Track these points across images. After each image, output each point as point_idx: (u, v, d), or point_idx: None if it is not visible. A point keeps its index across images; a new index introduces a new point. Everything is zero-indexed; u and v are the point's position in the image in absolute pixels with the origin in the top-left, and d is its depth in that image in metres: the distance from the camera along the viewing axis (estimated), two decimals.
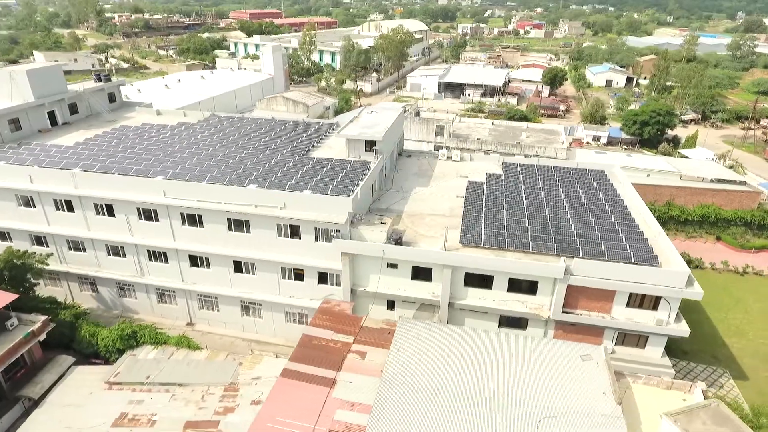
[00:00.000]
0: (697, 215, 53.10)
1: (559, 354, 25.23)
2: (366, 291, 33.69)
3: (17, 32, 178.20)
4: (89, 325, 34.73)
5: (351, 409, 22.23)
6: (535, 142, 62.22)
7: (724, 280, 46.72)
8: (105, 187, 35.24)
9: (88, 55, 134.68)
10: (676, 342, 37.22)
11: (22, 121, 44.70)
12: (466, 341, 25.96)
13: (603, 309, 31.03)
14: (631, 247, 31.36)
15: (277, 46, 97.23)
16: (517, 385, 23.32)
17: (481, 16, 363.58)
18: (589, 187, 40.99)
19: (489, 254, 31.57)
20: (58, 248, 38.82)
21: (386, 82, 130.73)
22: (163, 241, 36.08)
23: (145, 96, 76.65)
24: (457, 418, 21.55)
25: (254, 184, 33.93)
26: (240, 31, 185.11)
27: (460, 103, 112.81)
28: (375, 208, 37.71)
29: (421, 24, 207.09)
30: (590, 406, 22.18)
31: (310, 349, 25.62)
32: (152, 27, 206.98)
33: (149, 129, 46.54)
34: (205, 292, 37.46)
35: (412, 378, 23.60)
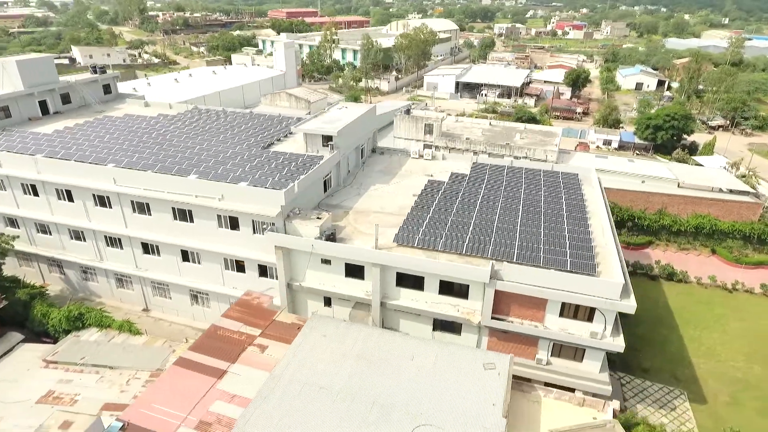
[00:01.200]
0: (691, 226, 49.76)
1: (462, 361, 24.17)
2: (302, 286, 33.42)
3: (66, 28, 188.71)
4: (42, 305, 36.17)
5: (230, 401, 22.07)
6: (528, 143, 60.04)
7: (708, 296, 43.55)
8: (63, 173, 36.59)
9: (120, 51, 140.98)
10: (635, 358, 35.18)
11: (11, 109, 47.07)
12: (369, 342, 25.29)
13: (535, 317, 29.51)
14: (572, 254, 29.68)
15: (289, 43, 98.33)
16: (406, 390, 22.49)
17: (522, 17, 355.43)
18: (554, 190, 39.14)
19: (421, 255, 30.65)
20: (28, 230, 40.68)
21: (405, 81, 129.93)
22: (117, 227, 37.09)
23: (154, 90, 79.42)
24: (332, 419, 21.00)
25: (196, 174, 34.31)
26: (271, 29, 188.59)
27: (476, 103, 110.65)
28: (325, 204, 37.45)
29: (450, 23, 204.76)
30: (474, 417, 21.10)
31: (214, 339, 25.65)
32: (191, 25, 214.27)
33: (128, 120, 48.03)
34: (157, 279, 38.26)
35: (301, 375, 23.19)
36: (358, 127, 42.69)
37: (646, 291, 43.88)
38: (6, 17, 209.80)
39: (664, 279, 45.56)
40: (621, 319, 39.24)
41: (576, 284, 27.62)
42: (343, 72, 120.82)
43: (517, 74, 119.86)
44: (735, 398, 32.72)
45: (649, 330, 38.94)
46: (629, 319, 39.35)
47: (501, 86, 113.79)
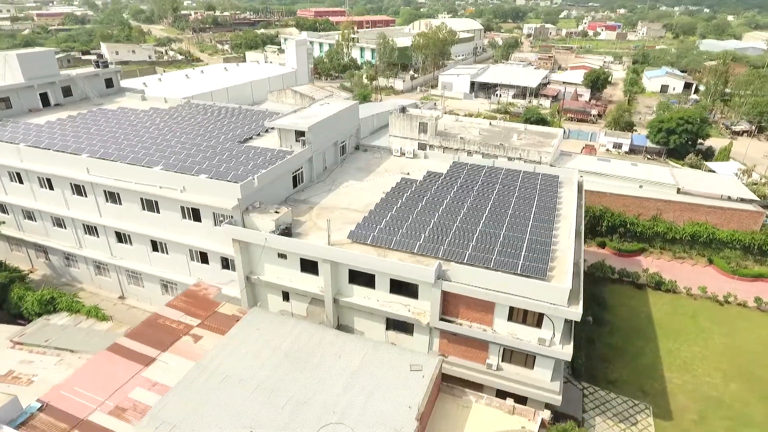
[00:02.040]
0: (687, 234, 47.40)
1: (389, 362, 23.70)
2: (260, 280, 33.55)
3: (101, 26, 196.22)
4: (19, 289, 37.55)
5: (150, 388, 22.31)
6: (525, 144, 58.54)
7: (696, 307, 41.36)
8: (43, 161, 37.93)
9: (147, 48, 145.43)
10: (603, 368, 33.83)
11: (12, 100, 49.15)
12: (301, 338, 25.14)
13: (484, 321, 28.66)
14: (526, 257, 28.70)
15: (300, 41, 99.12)
16: (326, 387, 22.21)
17: (554, 17, 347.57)
18: (528, 191, 37.98)
19: (373, 252, 30.27)
20: (16, 216, 42.39)
21: (422, 80, 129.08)
22: (92, 216, 38.18)
23: (164, 85, 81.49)
24: (244, 411, 20.94)
25: (162, 166, 34.92)
26: (295, 28, 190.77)
27: (489, 103, 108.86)
28: (293, 199, 37.49)
29: (474, 23, 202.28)
30: (387, 418, 20.64)
31: (151, 327, 26.02)
32: (220, 23, 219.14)
33: (120, 113, 49.40)
34: (131, 268, 39.17)
35: (225, 367, 23.24)
36: (335, 124, 42.57)
37: (630, 300, 42.09)
38: (48, 15, 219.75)
39: (652, 288, 43.55)
40: (595, 328, 38.11)
41: (523, 288, 26.67)
42: (357, 71, 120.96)
43: (534, 75, 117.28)
44: (703, 416, 30.93)
45: (623, 340, 37.31)
46: (604, 328, 38.06)
47: (516, 87, 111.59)
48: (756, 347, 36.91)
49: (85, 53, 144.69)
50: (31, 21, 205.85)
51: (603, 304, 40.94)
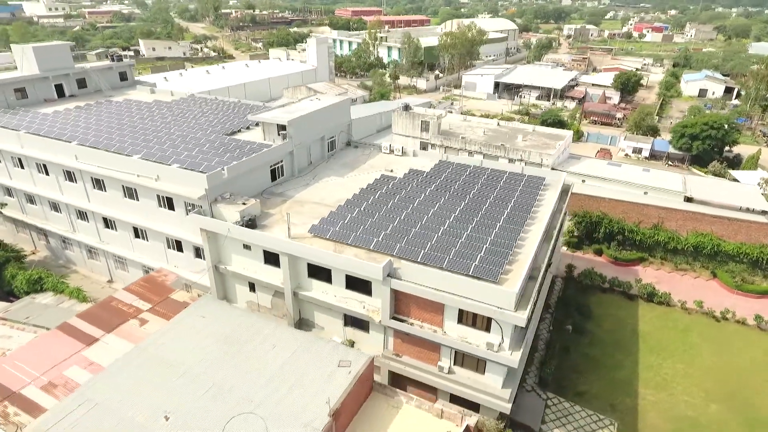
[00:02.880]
0: (690, 244, 44.71)
1: (320, 356, 23.52)
2: (228, 270, 34.05)
3: (145, 24, 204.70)
4: (13, 268, 39.65)
5: (86, 367, 23.04)
6: (528, 146, 56.89)
7: (689, 322, 38.96)
8: (39, 148, 39.87)
9: (183, 45, 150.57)
10: (573, 380, 32.46)
11: (28, 91, 51.95)
12: (242, 327, 25.33)
13: (434, 322, 28.01)
14: (482, 259, 27.82)
15: (321, 39, 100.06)
16: (252, 377, 22.29)
17: (599, 18, 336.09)
18: (508, 192, 36.81)
19: (331, 247, 30.13)
20: (20, 200, 44.78)
21: (446, 79, 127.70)
22: (82, 201, 39.84)
23: (186, 80, 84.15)
24: (169, 395, 21.30)
25: (140, 155, 35.99)
26: (329, 27, 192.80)
27: (513, 104, 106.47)
28: (270, 191, 37.82)
29: (508, 23, 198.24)
30: (301, 411, 20.49)
31: (103, 309, 26.86)
32: (258, 22, 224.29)
33: (125, 104, 51.31)
34: (116, 253, 40.62)
35: (161, 350, 23.70)
36: (321, 119, 42.63)
37: (618, 310, 40.13)
38: (98, 13, 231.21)
39: (644, 299, 41.34)
40: (574, 337, 36.48)
41: (472, 290, 25.88)
42: (380, 69, 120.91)
43: (561, 76, 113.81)
44: None
45: (602, 352, 35.61)
46: (584, 338, 36.51)
47: (541, 88, 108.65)
48: (747, 368, 34.40)
49: (125, 49, 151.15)
50: (82, 19, 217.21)
51: (587, 313, 39.21)
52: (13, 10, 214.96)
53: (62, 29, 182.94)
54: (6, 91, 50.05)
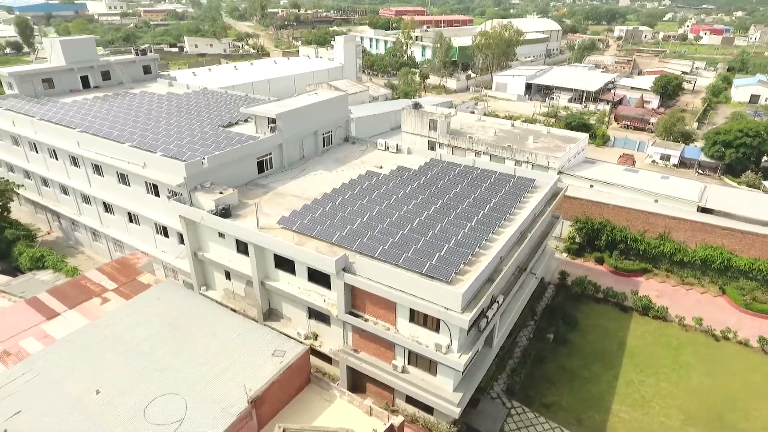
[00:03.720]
0: (698, 257, 41.85)
1: (258, 344, 23.76)
2: (205, 257, 34.97)
3: (195, 21, 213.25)
4: (22, 246, 42.31)
5: (41, 339, 24.29)
6: (537, 148, 54.99)
7: (684, 340, 36.48)
8: (49, 134, 42.36)
9: (224, 42, 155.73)
10: (543, 390, 31.22)
11: (55, 81, 55.27)
12: (191, 312, 25.96)
13: (388, 319, 27.62)
14: (440, 258, 27.19)
15: (349, 37, 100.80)
16: (187, 359, 22.82)
17: (655, 19, 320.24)
18: (491, 193, 35.78)
19: (295, 239, 30.34)
20: (37, 183, 47.76)
21: (479, 80, 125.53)
22: (85, 186, 42.00)
23: (213, 75, 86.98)
24: (107, 370, 22.15)
25: (131, 143, 37.50)
26: (368, 26, 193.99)
27: (543, 106, 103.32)
28: (255, 183, 38.49)
29: (551, 23, 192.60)
30: (223, 396, 20.76)
31: (72, 287, 28.24)
32: (301, 21, 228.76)
33: (138, 96, 53.65)
34: (115, 236, 42.55)
35: (112, 329, 24.64)
36: (315, 114, 42.92)
37: (608, 322, 38.15)
38: (152, 11, 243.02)
39: (639, 312, 39.08)
40: (554, 347, 34.94)
41: (422, 289, 25.35)
42: (411, 68, 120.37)
43: (597, 78, 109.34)
44: None
45: (580, 364, 33.95)
46: (564, 348, 35.04)
47: (574, 90, 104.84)
48: (740, 392, 31.83)
49: (171, 45, 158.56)
50: (137, 17, 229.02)
51: (572, 322, 37.50)
52: (78, 9, 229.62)
53: (118, 26, 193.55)
54: (34, 81, 53.48)
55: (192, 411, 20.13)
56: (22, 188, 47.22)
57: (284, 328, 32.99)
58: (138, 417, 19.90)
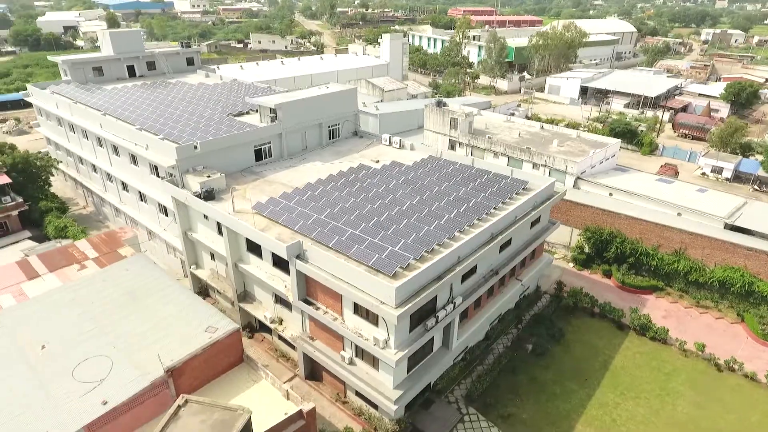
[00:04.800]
0: (716, 278, 37.96)
1: (196, 318, 24.78)
2: (192, 237, 36.82)
3: (267, 19, 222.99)
4: (52, 217, 46.61)
5: (16, 296, 26.87)
6: (562, 152, 52.26)
7: (680, 366, 33.24)
8: (82, 116, 46.38)
9: (288, 39, 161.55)
10: (506, 401, 29.99)
11: (104, 69, 60.24)
12: (149, 283, 27.48)
13: (336, 309, 27.65)
14: (391, 253, 26.86)
15: (396, 35, 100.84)
16: (129, 326, 24.25)
17: (752, 22, 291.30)
18: (474, 192, 34.61)
19: (262, 223, 31.15)
20: (75, 161, 52.48)
21: (534, 82, 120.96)
22: (107, 165, 45.59)
23: (260, 70, 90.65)
24: (58, 327, 24.09)
25: (139, 125, 40.13)
26: (430, 25, 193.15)
27: (596, 111, 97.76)
28: (250, 170, 39.87)
29: (624, 25, 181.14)
30: (147, 363, 21.90)
31: (60, 253, 30.94)
32: (367, 20, 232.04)
33: (172, 85, 57.16)
34: (129, 214, 45.81)
35: (77, 293, 26.70)
36: (319, 106, 43.63)
37: (597, 339, 35.63)
38: (230, 10, 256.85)
39: (636, 332, 36.13)
40: (531, 358, 33.29)
41: (363, 281, 25.16)
42: (463, 68, 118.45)
43: (659, 83, 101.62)
44: None
45: (554, 378, 32.02)
46: (542, 360, 33.39)
47: (632, 95, 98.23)
48: (729, 429, 28.59)
49: (239, 42, 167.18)
50: (216, 15, 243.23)
51: (557, 335, 35.39)
52: (164, 7, 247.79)
53: (197, 23, 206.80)
54: (85, 68, 58.64)
55: (114, 373, 21.42)
56: (62, 164, 52.04)
57: (255, 310, 34.11)
58: (67, 373, 21.48)
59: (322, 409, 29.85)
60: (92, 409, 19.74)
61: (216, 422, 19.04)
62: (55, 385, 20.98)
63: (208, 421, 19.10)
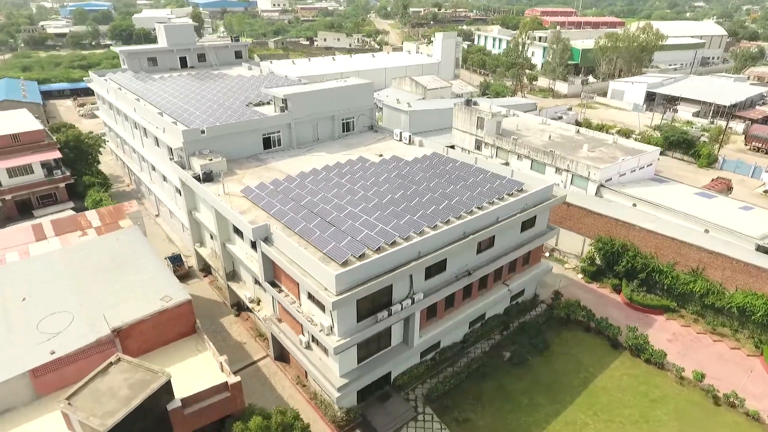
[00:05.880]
0: (735, 304, 34.17)
1: (157, 287, 26.43)
2: (195, 216, 39.12)
3: (340, 18, 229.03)
4: (93, 191, 51.33)
5: (21, 255, 30.14)
6: (591, 158, 49.21)
7: (670, 393, 30.28)
8: (123, 100, 50.70)
9: (351, 38, 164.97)
10: (467, 406, 29.28)
11: (159, 60, 65.24)
12: (134, 254, 29.88)
13: (295, 293, 28.23)
14: (349, 243, 27.05)
15: (448, 35, 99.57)
16: (97, 287, 26.47)
17: None
18: (461, 191, 33.71)
19: (245, 206, 32.46)
20: (120, 141, 57.44)
21: (597, 86, 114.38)
22: (140, 146, 49.52)
23: (310, 65, 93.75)
24: (40, 286, 26.80)
25: (158, 109, 43.17)
26: (499, 25, 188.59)
27: (663, 119, 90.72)
28: (256, 157, 41.58)
29: (715, 28, 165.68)
30: (99, 323, 23.80)
31: (69, 220, 34.27)
32: (438, 20, 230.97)
33: (213, 75, 60.71)
34: (156, 193, 49.40)
35: (72, 256, 29.49)
36: (331, 99, 44.54)
37: (585, 354, 33.37)
38: (308, 8, 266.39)
39: (631, 352, 33.41)
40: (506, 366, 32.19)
41: (311, 267, 25.55)
42: (521, 69, 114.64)
43: (737, 91, 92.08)
44: None
45: (525, 389, 30.49)
46: (517, 369, 32.11)
47: (703, 103, 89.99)
48: None
49: (308, 39, 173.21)
50: (293, 13, 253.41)
51: (540, 346, 33.58)
52: (247, 6, 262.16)
53: (274, 21, 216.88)
54: (141, 58, 63.88)
55: (71, 328, 23.51)
56: (112, 145, 57.17)
57: (240, 290, 35.63)
58: (33, 324, 23.89)
59: (283, 390, 30.72)
60: (40, 357, 21.81)
61: (136, 381, 20.38)
62: (20, 332, 23.43)
63: (130, 379, 20.49)
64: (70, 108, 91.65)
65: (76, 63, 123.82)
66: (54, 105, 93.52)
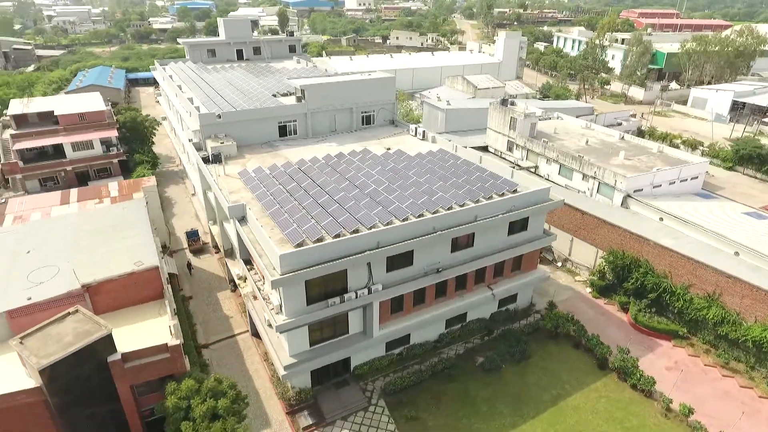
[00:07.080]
0: (751, 337, 30.17)
1: (137, 252, 28.72)
2: (208, 195, 41.77)
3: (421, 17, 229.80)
4: (141, 168, 56.34)
5: (44, 216, 34.22)
6: (626, 166, 45.69)
7: (649, 425, 27.42)
8: (170, 86, 55.20)
9: (424, 36, 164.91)
10: (417, 402, 29.10)
11: (217, 52, 69.75)
12: (131, 222, 32.47)
13: (262, 271, 29.29)
14: (311, 227, 27.66)
15: (511, 34, 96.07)
16: (88, 248, 29.35)
17: None
18: (452, 188, 32.92)
19: (238, 187, 34.23)
20: (170, 122, 62.45)
21: (676, 93, 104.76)
22: (179, 130, 53.63)
23: (368, 62, 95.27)
24: (44, 242, 30.26)
25: (191, 95, 46.42)
26: (584, 27, 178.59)
27: (748, 131, 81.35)
28: (270, 144, 43.46)
29: None
30: (75, 279, 26.49)
31: (93, 190, 38.31)
32: (521, 20, 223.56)
33: (261, 67, 63.97)
34: (189, 173, 53.23)
35: (77, 219, 32.98)
36: (348, 91, 45.36)
37: (564, 371, 31.24)
38: (391, 8, 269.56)
39: (618, 374, 30.74)
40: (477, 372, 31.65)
41: (266, 246, 26.52)
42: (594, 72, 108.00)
43: None
44: None
45: (489, 397, 29.24)
46: (487, 377, 31.46)
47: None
48: None
49: (382, 37, 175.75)
50: (377, 12, 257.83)
51: (518, 356, 31.91)
52: (333, 5, 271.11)
53: (355, 20, 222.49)
54: (201, 50, 68.81)
55: (52, 280, 26.39)
56: (167, 126, 62.50)
57: (233, 267, 37.58)
58: (25, 273, 27.13)
59: (251, 365, 32.10)
60: (18, 301, 24.78)
61: (82, 331, 22.52)
62: (13, 278, 26.71)
63: (78, 329, 22.69)
64: (150, 94, 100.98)
65: (168, 55, 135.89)
66: (137, 91, 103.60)
